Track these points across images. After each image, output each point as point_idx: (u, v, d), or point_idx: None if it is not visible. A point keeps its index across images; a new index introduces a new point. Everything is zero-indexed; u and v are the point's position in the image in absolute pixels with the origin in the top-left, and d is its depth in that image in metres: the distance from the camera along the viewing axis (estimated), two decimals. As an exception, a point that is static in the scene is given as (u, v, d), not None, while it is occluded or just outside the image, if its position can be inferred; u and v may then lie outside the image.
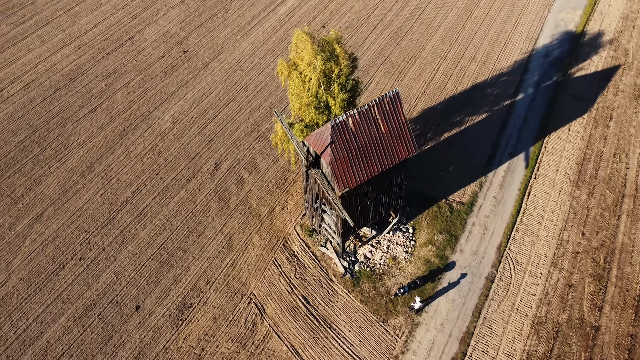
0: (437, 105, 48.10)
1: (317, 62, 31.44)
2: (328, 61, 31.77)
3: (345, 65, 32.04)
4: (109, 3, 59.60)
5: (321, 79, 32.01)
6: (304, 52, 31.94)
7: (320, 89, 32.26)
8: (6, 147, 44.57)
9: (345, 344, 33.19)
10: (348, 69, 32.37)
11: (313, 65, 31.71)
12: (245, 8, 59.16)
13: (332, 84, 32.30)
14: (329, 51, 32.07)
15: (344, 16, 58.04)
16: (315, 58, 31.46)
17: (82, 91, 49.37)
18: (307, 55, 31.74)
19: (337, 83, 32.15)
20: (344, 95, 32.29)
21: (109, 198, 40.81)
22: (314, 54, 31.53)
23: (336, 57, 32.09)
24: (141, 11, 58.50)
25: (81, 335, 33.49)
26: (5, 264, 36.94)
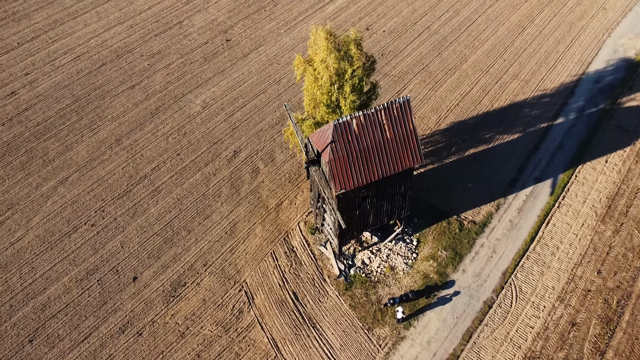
0: (469, 120, 46.66)
1: (330, 60, 31.36)
2: (342, 60, 31.60)
3: (359, 66, 31.76)
4: (166, -13, 62.06)
5: (334, 78, 31.88)
6: (319, 49, 31.94)
7: (332, 87, 32.14)
8: (48, 112, 47.41)
9: (326, 345, 32.94)
10: (362, 70, 32.05)
11: (326, 63, 31.64)
12: (294, 3, 59.78)
13: (344, 84, 32.09)
14: (344, 51, 31.88)
15: (391, 20, 57.43)
16: (328, 56, 31.38)
17: (126, 68, 51.69)
18: (321, 53, 31.74)
19: (349, 84, 31.92)
20: (354, 96, 32.02)
21: (129, 172, 42.54)
22: (327, 52, 31.47)
23: (350, 57, 31.86)
24: None
25: (79, 296, 35.16)
26: (26, 220, 39.36)
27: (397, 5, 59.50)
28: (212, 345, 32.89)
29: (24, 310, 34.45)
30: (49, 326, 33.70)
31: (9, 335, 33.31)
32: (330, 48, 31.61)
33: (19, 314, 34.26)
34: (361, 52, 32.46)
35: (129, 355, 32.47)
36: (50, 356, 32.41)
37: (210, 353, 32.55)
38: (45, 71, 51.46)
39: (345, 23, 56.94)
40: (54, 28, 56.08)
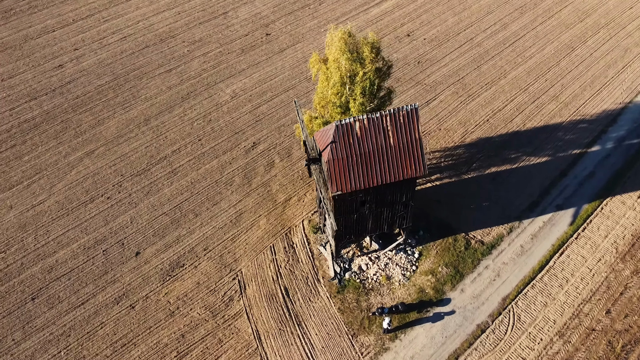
0: (496, 137, 45.10)
1: (342, 60, 31.21)
2: (354, 62, 31.37)
3: (370, 69, 31.41)
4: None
5: (345, 79, 31.71)
6: (333, 48, 31.87)
7: (343, 88, 31.97)
8: (88, 87, 49.86)
9: (308, 345, 32.86)
10: (374, 74, 31.67)
11: (338, 63, 31.52)
12: (338, 3, 59.82)
13: (355, 86, 31.84)
14: (357, 52, 31.63)
15: (434, 28, 56.35)
16: (341, 56, 31.24)
17: (166, 52, 53.53)
18: (334, 52, 31.64)
19: (360, 86, 31.64)
20: (363, 99, 31.70)
21: (151, 151, 44.06)
22: (340, 52, 31.34)
23: (363, 59, 31.56)
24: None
25: (84, 263, 36.81)
26: (50, 185, 41.60)
27: (443, 14, 58.28)
28: (198, 328, 33.56)
29: (32, 270, 36.45)
30: (51, 287, 35.50)
31: (16, 291, 35.35)
32: (343, 48, 31.48)
33: (28, 272, 36.28)
34: (375, 56, 32.07)
35: (119, 325, 33.68)
36: (47, 316, 34.13)
37: (194, 335, 33.23)
38: (92, 48, 54.12)
39: (386, 27, 56.43)
40: (107, 8, 58.83)
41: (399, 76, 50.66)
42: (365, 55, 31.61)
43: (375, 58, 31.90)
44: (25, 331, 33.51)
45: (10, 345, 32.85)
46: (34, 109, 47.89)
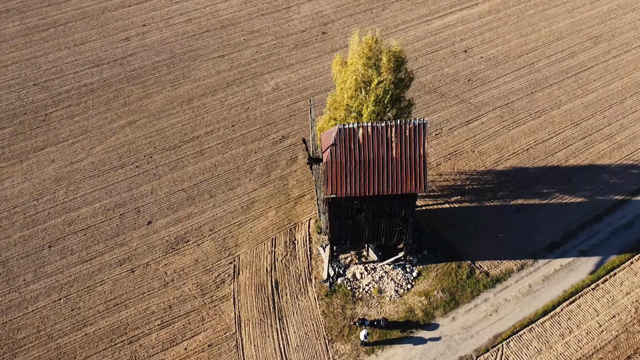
0: (532, 169, 42.74)
1: (359, 64, 31.02)
2: (370, 68, 31.08)
3: (386, 78, 30.94)
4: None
5: (360, 84, 31.49)
6: (352, 51, 31.77)
7: (358, 93, 31.75)
8: (146, 61, 52.97)
9: (284, 340, 33.11)
10: (390, 83, 31.18)
11: (354, 67, 31.37)
12: (403, 11, 59.12)
13: (369, 92, 31.52)
14: (374, 59, 31.30)
15: (494, 48, 54.20)
16: (358, 60, 31.07)
17: (224, 38, 55.60)
18: (352, 56, 31.51)
19: (374, 93, 31.27)
20: (374, 107, 31.30)
21: (186, 129, 46.09)
22: (358, 56, 31.16)
23: (379, 67, 31.16)
24: (311, -12, 62.61)
25: (101, 223, 39.35)
26: (90, 147, 44.77)
27: (508, 34, 55.87)
28: (186, 303, 34.84)
29: (56, 220, 39.50)
30: (68, 239, 38.29)
31: (37, 237, 38.50)
32: (361, 53, 31.26)
33: (51, 222, 39.37)
34: (395, 66, 31.55)
35: (116, 286, 35.72)
36: (58, 265, 36.90)
37: (180, 309, 34.55)
38: (159, 26, 57.35)
39: (444, 41, 55.04)
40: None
41: (445, 91, 49.33)
42: (382, 62, 31.19)
43: (393, 68, 31.34)
44: (36, 274, 36.44)
45: (20, 285, 35.88)
46: (94, 75, 51.64)
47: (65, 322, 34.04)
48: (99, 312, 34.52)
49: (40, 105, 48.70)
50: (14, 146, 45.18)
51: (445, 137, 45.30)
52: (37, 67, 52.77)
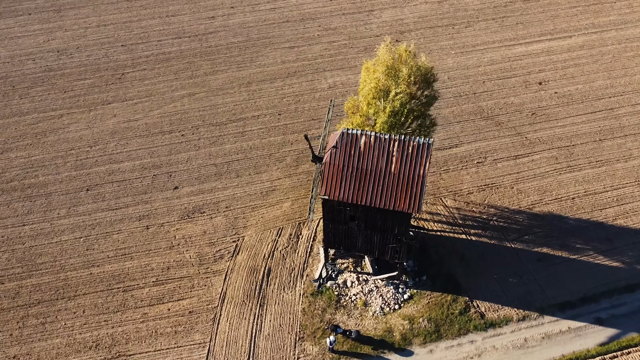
0: (571, 220, 39.38)
1: (379, 72, 30.68)
2: (390, 78, 30.59)
3: (403, 90, 30.24)
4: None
5: (379, 93, 31.13)
6: (377, 59, 31.47)
7: (375, 101, 31.41)
8: (222, 41, 56.05)
9: (257, 326, 33.91)
10: (408, 96, 30.44)
11: (376, 74, 31.07)
12: (487, 31, 56.67)
13: (386, 102, 31.01)
14: (396, 69, 30.72)
15: (574, 85, 50.25)
16: (380, 67, 30.73)
17: (299, 31, 57.12)
18: (377, 63, 31.19)
19: (390, 105, 30.73)
20: (388, 118, 30.76)
21: (236, 110, 48.28)
22: (382, 64, 30.79)
23: (397, 78, 30.53)
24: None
25: (135, 179, 42.68)
26: (149, 109, 48.54)
27: (595, 73, 51.43)
28: (182, 268, 36.86)
29: (100, 168, 43.50)
30: (103, 187, 42.06)
31: (80, 179, 42.72)
32: (384, 62, 30.83)
33: (95, 169, 43.44)
34: (416, 81, 30.73)
35: (129, 238, 38.67)
36: (89, 207, 40.71)
37: (176, 272, 36.62)
38: (244, 10, 60.28)
39: (522, 68, 52.00)
40: (275, -20, 64.50)
41: (503, 121, 46.79)
42: (402, 74, 30.52)
43: (414, 82, 30.55)
44: (69, 212, 40.52)
45: (53, 217, 40.13)
46: (174, 45, 55.66)
47: (77, 259, 37.57)
48: (107, 257, 37.65)
49: (121, 65, 53.54)
50: (88, 96, 50.24)
51: (487, 167, 43.06)
52: (129, 30, 57.98)
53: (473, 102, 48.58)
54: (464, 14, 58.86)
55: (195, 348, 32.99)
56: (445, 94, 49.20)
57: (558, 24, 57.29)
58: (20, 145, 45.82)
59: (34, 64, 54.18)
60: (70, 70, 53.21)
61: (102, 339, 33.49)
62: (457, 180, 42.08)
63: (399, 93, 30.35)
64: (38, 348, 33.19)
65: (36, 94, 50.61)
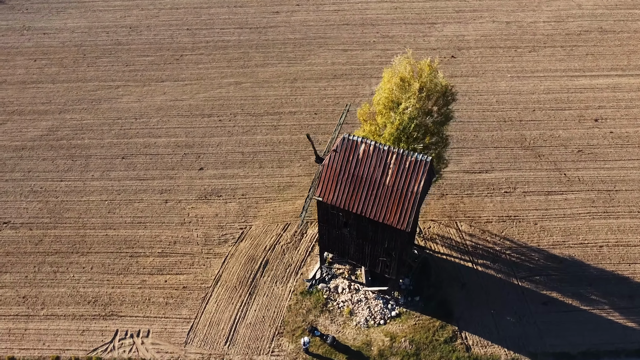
0: (593, 269, 36.67)
1: (393, 83, 30.28)
2: (401, 90, 30.09)
3: (412, 105, 29.60)
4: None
5: (390, 103, 30.74)
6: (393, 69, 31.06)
7: (386, 111, 31.04)
8: (280, 36, 57.51)
9: (241, 313, 34.68)
10: (416, 111, 29.78)
11: (390, 84, 30.67)
12: (551, 59, 53.76)
13: (395, 114, 30.52)
14: (408, 82, 30.13)
15: (633, 127, 46.50)
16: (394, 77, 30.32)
17: (357, 35, 57.28)
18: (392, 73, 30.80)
19: (399, 117, 30.22)
20: (395, 131, 30.26)
21: (275, 104, 49.41)
22: (397, 75, 30.34)
23: (408, 91, 29.93)
24: (469, 12, 60.21)
25: (167, 155, 45.00)
26: (196, 92, 50.91)
27: (662, 118, 47.26)
28: (187, 245, 38.47)
29: (138, 140, 46.33)
30: (137, 157, 44.76)
31: (119, 147, 45.74)
32: (399, 73, 30.33)
33: (135, 140, 46.31)
34: (429, 97, 29.97)
35: (147, 208, 40.92)
36: (120, 174, 43.50)
37: (181, 247, 38.28)
38: (309, 8, 61.41)
39: (580, 102, 48.83)
40: (345, -17, 65.02)
41: (544, 153, 44.30)
42: (412, 88, 29.86)
43: (426, 97, 29.81)
44: (102, 175, 43.55)
45: (87, 178, 43.32)
46: (234, 35, 57.88)
47: (98, 219, 40.33)
48: (124, 222, 40.08)
49: (182, 47, 56.50)
50: (146, 72, 53.54)
51: (514, 198, 41.00)
52: (197, 15, 61.00)
53: (517, 130, 46.37)
54: (530, 38, 56.21)
55: (180, 322, 34.35)
56: (488, 117, 47.46)
57: (634, 60, 53.20)
58: (76, 108, 49.79)
59: (107, 36, 58.52)
60: (136, 46, 56.91)
61: (100, 296, 35.77)
62: (478, 206, 40.47)
63: (407, 107, 29.76)
64: (45, 293, 36.08)
65: (101, 64, 54.68)
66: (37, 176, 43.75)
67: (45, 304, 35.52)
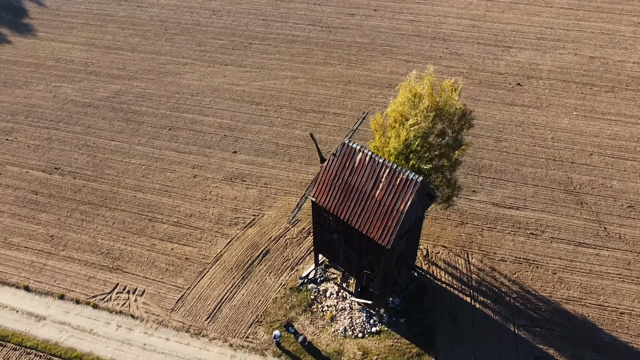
0: (604, 334, 33.49)
1: (404, 98, 29.67)
2: (411, 105, 29.40)
3: (419, 122, 28.79)
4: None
5: (400, 118, 30.18)
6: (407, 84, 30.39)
7: (396, 125, 30.50)
8: (348, 38, 57.85)
9: (229, 294, 35.86)
10: (421, 130, 28.94)
11: (402, 99, 30.07)
12: (629, 103, 49.14)
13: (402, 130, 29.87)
14: (419, 98, 29.31)
15: None
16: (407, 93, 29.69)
17: (424, 48, 56.14)
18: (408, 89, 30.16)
19: (404, 134, 29.54)
20: (397, 145, 29.65)
21: (323, 103, 49.98)
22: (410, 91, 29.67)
23: (417, 108, 29.11)
24: (551, 41, 56.72)
25: (209, 133, 47.32)
26: (253, 79, 52.89)
27: None
28: (201, 220, 40.38)
29: (187, 115, 49.17)
30: (182, 131, 47.57)
31: (169, 119, 48.85)
32: (412, 89, 29.60)
33: (184, 115, 49.21)
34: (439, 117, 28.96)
35: (177, 179, 43.43)
36: (162, 144, 46.52)
37: (195, 221, 40.27)
38: (385, 15, 61.17)
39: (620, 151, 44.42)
40: None
41: (588, 202, 40.87)
42: (420, 105, 28.99)
43: (435, 116, 28.85)
44: (147, 142, 46.85)
45: (134, 142, 46.82)
46: (304, 31, 59.21)
47: (132, 181, 43.52)
48: (153, 188, 42.90)
49: (253, 36, 58.86)
50: (214, 54, 56.50)
51: (539, 242, 38.34)
52: (276, 8, 63.13)
53: (564, 171, 43.15)
54: (612, 77, 51.78)
55: (173, 290, 36.28)
56: (537, 152, 44.63)
57: None
58: (144, 77, 53.82)
59: (190, 16, 62.44)
60: (213, 29, 60.17)
61: (113, 250, 38.71)
62: (496, 242, 38.35)
63: (414, 124, 29.01)
64: (69, 237, 39.73)
65: (177, 41, 58.52)
66: (94, 132, 48.03)
67: (66, 247, 39.11)
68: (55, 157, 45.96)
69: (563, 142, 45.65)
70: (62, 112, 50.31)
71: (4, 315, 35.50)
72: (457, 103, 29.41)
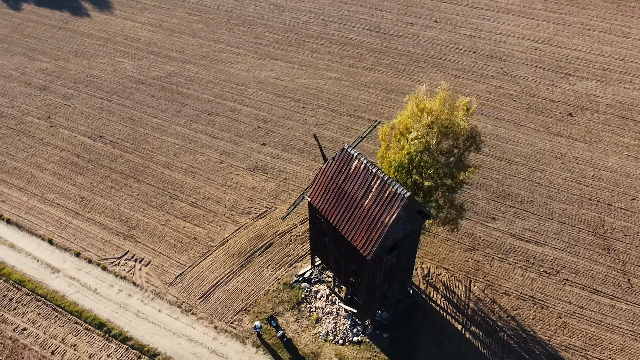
0: None
1: (409, 109, 29.19)
2: (415, 118, 28.86)
3: (421, 135, 28.19)
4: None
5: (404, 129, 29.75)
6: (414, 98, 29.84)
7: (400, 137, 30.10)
8: (401, 47, 57.30)
9: (225, 279, 36.88)
10: (422, 145, 28.35)
11: (409, 113, 29.59)
12: (690, 150, 45.12)
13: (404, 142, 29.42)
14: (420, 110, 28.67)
15: None
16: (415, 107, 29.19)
17: (477, 65, 54.41)
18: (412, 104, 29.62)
19: (406, 148, 29.08)
20: (398, 156, 29.24)
21: (361, 107, 49.88)
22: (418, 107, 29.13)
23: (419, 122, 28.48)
24: (618, 74, 53.02)
25: (243, 123, 48.77)
26: (298, 77, 53.76)
27: None
28: (216, 204, 41.81)
29: (229, 103, 50.93)
30: (220, 118, 49.36)
31: (211, 104, 50.87)
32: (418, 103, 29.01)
33: (225, 102, 51.02)
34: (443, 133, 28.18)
35: (204, 162, 45.19)
36: (199, 127, 48.54)
37: (210, 205, 41.75)
38: (443, 28, 59.91)
39: None
40: (497, 13, 61.67)
41: (617, 248, 38.01)
42: (424, 120, 28.32)
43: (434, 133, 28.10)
44: (185, 123, 49.10)
45: (174, 121, 49.21)
46: (359, 34, 59.33)
47: (164, 158, 45.83)
48: (181, 168, 44.95)
49: (308, 34, 59.78)
50: (267, 48, 58.03)
51: (551, 282, 36.20)
52: (337, 9, 63.67)
53: (598, 212, 40.34)
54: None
55: (175, 265, 37.93)
56: (572, 188, 42.06)
57: None
58: (197, 62, 56.34)
59: (254, 8, 64.48)
60: (272, 23, 61.77)
61: (131, 219, 41.07)
62: (504, 274, 36.65)
63: (414, 139, 28.46)
64: (95, 201, 42.60)
65: (236, 31, 60.65)
66: (140, 108, 51.02)
67: (92, 209, 41.97)
68: (102, 126, 49.35)
69: (605, 181, 42.65)
70: (117, 86, 53.84)
71: (26, 263, 38.74)
72: (464, 122, 28.48)
